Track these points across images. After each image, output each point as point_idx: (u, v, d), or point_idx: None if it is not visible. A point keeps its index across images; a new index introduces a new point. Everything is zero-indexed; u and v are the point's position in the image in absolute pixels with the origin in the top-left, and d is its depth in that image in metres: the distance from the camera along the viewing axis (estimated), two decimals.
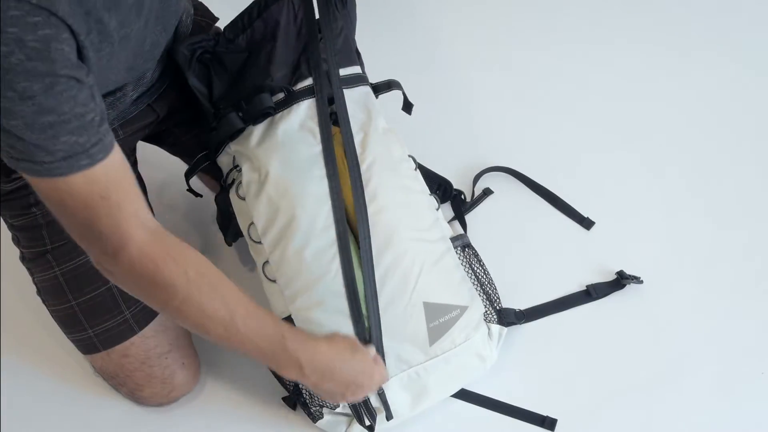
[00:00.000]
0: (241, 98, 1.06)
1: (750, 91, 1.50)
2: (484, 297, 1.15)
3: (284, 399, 1.12)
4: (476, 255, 1.18)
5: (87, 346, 1.09)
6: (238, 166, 1.09)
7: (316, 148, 1.04)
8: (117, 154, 0.80)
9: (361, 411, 1.03)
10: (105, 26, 0.80)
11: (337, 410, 1.06)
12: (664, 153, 1.41)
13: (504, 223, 1.33)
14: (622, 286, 1.23)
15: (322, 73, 1.07)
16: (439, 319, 1.04)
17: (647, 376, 1.15)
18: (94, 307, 1.06)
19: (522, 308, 1.21)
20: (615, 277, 1.25)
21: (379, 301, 1.01)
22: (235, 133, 1.08)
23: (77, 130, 0.74)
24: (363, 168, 1.04)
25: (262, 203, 1.03)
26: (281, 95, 1.07)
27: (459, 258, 1.13)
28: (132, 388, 1.12)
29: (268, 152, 1.04)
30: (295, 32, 1.09)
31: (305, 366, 0.92)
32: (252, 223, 1.05)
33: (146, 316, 1.09)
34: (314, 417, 1.07)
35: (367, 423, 1.04)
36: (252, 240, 1.07)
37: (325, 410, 1.06)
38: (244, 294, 0.91)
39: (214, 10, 1.23)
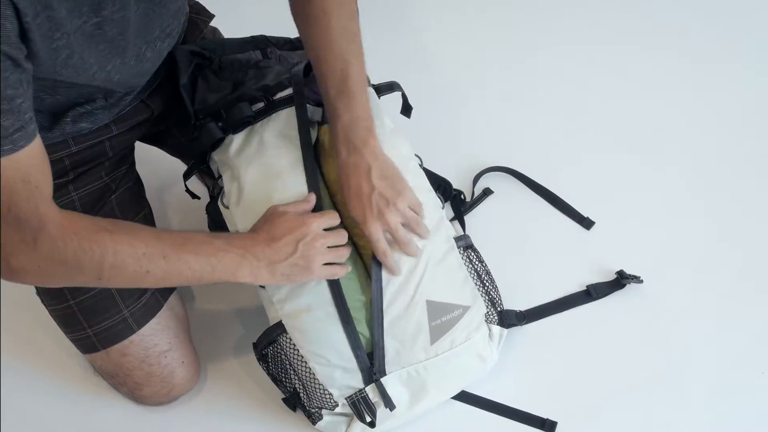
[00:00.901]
0: (221, 107, 1.07)
1: (750, 91, 1.50)
2: (486, 298, 1.15)
3: (284, 400, 1.12)
4: (479, 256, 1.18)
5: (86, 346, 1.09)
6: (220, 175, 1.09)
7: (296, 153, 1.04)
8: (38, 142, 0.79)
9: (361, 408, 1.03)
10: (54, 12, 0.76)
11: (336, 410, 1.06)
12: (664, 153, 1.41)
13: (504, 223, 1.33)
14: (622, 286, 1.23)
15: (300, 81, 1.08)
16: (441, 318, 1.04)
17: (647, 376, 1.15)
18: (93, 306, 1.06)
19: (522, 309, 1.21)
20: (615, 277, 1.25)
21: (383, 297, 1.01)
22: (216, 143, 1.08)
23: (4, 113, 0.72)
24: None
25: (244, 211, 1.03)
26: (261, 104, 1.07)
27: (462, 258, 1.13)
28: (132, 387, 1.12)
29: (247, 161, 1.04)
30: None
31: (247, 251, 0.93)
32: (237, 231, 1.05)
33: (145, 314, 1.09)
34: (314, 419, 1.07)
35: (368, 419, 1.04)
36: None
37: (324, 411, 1.06)
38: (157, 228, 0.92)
39: (211, 8, 1.23)
